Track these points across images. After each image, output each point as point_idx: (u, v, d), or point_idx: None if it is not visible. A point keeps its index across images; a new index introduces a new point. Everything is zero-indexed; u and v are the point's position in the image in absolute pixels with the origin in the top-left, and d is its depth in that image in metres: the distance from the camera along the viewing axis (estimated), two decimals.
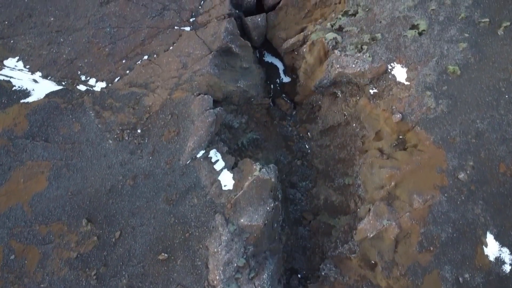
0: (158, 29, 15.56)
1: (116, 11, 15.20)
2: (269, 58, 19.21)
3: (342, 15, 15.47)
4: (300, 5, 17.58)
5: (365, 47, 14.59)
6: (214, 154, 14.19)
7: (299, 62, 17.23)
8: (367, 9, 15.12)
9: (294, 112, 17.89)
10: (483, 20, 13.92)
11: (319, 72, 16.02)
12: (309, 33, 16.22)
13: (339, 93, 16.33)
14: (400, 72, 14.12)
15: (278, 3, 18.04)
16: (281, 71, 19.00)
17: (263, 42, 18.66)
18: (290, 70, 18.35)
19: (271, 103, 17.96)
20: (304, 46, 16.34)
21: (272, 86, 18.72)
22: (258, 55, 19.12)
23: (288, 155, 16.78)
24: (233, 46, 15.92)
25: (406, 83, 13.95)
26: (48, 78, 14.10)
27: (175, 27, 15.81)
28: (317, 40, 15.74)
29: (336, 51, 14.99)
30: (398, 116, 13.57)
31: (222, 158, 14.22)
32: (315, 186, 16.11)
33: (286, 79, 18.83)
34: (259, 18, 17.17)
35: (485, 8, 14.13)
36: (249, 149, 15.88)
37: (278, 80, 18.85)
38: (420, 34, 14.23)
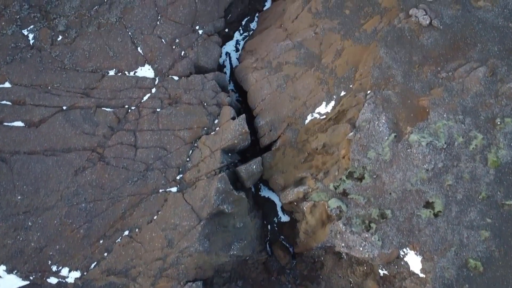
0: (141, 195, 13.85)
1: (92, 180, 13.51)
2: (265, 193, 17.51)
3: (347, 177, 13.77)
4: (299, 146, 15.89)
5: (373, 225, 12.93)
6: None
7: (298, 214, 15.56)
8: (375, 176, 13.45)
9: (294, 263, 16.18)
10: (507, 203, 12.27)
11: (321, 234, 14.33)
12: (310, 190, 14.52)
13: (344, 255, 14.67)
14: (414, 261, 12.45)
15: (275, 141, 16.35)
16: (278, 208, 17.30)
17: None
18: (289, 212, 16.69)
19: (268, 252, 16.27)
20: (305, 203, 14.64)
21: (269, 226, 17.03)
22: (254, 189, 17.48)
23: None
24: (225, 207, 14.20)
25: (421, 275, 12.28)
26: (14, 273, 12.40)
27: (160, 190, 14.12)
28: (318, 202, 14.09)
29: (340, 224, 13.31)
30: None
31: None
32: None
33: (284, 218, 17.12)
34: (254, 166, 15.42)
35: (508, 186, 12.47)
36: None
37: (275, 219, 17.15)
38: (435, 215, 12.57)
